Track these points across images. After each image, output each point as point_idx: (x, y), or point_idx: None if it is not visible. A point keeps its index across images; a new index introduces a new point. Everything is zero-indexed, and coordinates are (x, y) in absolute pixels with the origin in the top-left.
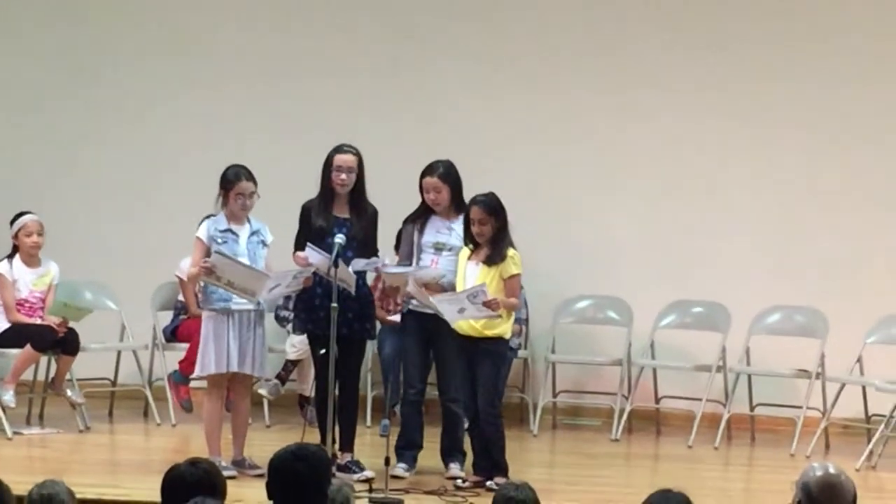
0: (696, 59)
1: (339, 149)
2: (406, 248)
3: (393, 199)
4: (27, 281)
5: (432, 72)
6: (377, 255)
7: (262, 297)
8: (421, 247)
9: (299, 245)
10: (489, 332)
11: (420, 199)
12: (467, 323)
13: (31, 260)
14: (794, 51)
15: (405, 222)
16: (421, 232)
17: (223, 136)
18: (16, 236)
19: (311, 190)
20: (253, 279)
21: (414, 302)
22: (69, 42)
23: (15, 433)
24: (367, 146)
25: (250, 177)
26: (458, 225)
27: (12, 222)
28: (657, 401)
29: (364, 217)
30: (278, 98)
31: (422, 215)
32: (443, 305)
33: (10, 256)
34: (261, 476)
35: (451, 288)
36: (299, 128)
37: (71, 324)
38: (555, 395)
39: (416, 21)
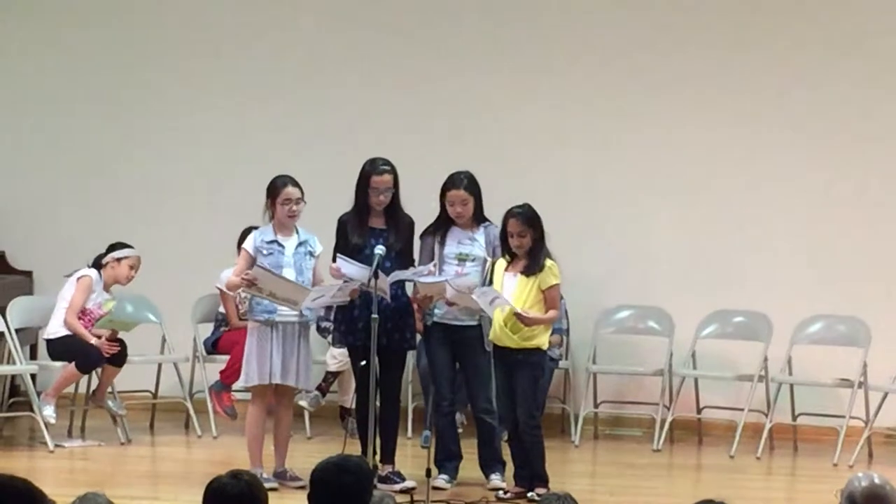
0: (740, 64)
1: (375, 168)
2: (426, 259)
3: (424, 209)
4: (98, 301)
5: (461, 82)
6: (414, 265)
7: (304, 307)
8: (443, 258)
9: (336, 257)
10: (527, 344)
11: (440, 211)
12: (506, 335)
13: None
14: (836, 51)
15: (423, 235)
16: (442, 244)
17: (262, 148)
18: (117, 261)
19: (345, 199)
20: (295, 293)
21: (438, 313)
22: (106, 54)
23: (57, 446)
24: (397, 156)
25: (296, 184)
26: (479, 235)
27: (116, 248)
28: (699, 411)
29: (401, 228)
30: (320, 108)
31: (441, 227)
32: (479, 297)
33: (99, 269)
34: (302, 488)
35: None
36: (335, 137)
37: (120, 334)
38: (596, 406)
39: (445, 33)
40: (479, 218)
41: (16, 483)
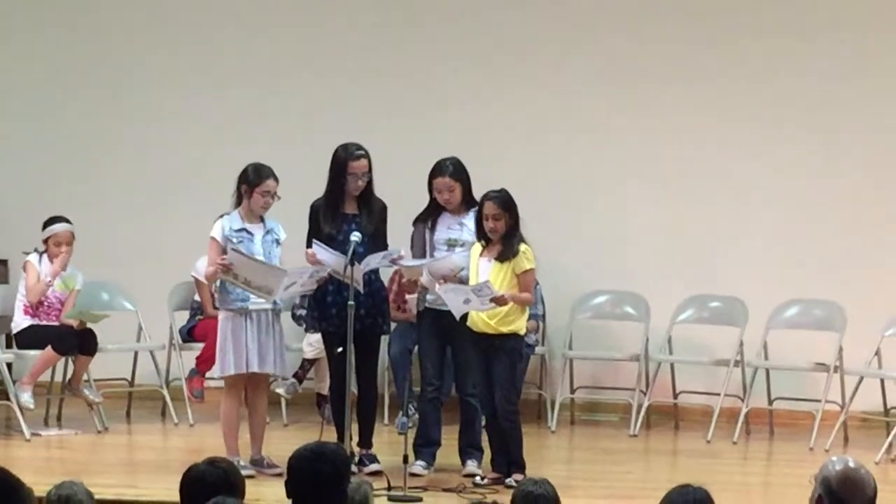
0: (714, 53)
1: (351, 153)
2: (418, 247)
3: (405, 195)
4: (48, 271)
5: (440, 69)
6: (387, 249)
7: (278, 297)
8: (434, 244)
9: (310, 244)
10: (504, 329)
11: (428, 198)
12: (482, 320)
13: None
14: (812, 43)
15: (415, 222)
16: (432, 230)
17: (238, 136)
18: (46, 241)
19: (316, 188)
20: (270, 276)
21: (430, 298)
22: (84, 46)
23: (33, 434)
24: (376, 143)
25: (275, 176)
26: (468, 220)
27: (45, 226)
28: (675, 396)
29: (373, 212)
30: (291, 98)
31: (432, 213)
32: (448, 296)
33: (41, 253)
34: (279, 475)
35: (466, 282)
36: (312, 127)
37: (88, 325)
38: (572, 391)
39: (424, 20)
40: (468, 203)
41: None
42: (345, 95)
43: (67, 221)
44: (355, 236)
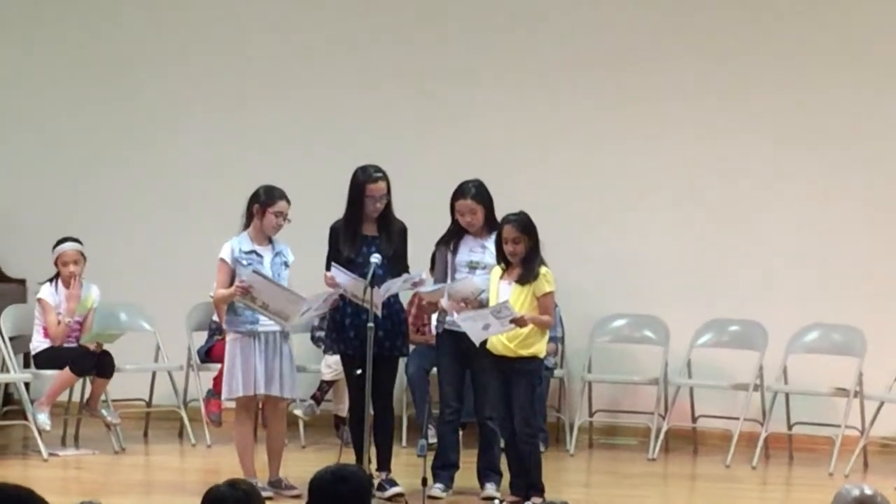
0: (732, 72)
1: (369, 176)
2: (441, 270)
3: (423, 217)
4: (64, 307)
5: (459, 89)
6: (408, 272)
7: (294, 323)
8: (455, 266)
9: (329, 266)
10: (524, 352)
11: (451, 220)
12: (502, 343)
13: (69, 285)
14: (840, 67)
15: (438, 244)
16: (454, 252)
17: (256, 155)
18: (56, 262)
19: (337, 207)
20: (288, 301)
21: (449, 320)
22: (99, 69)
23: (51, 454)
24: (395, 165)
25: (287, 198)
26: (490, 243)
27: (54, 247)
28: (694, 420)
29: (393, 234)
30: (310, 117)
31: (454, 236)
32: (466, 324)
33: (53, 280)
34: (297, 496)
35: (487, 304)
36: (328, 144)
37: (105, 346)
38: (591, 415)
39: (440, 38)
40: (491, 226)
41: (20, 492)
42: (360, 112)
43: (77, 241)
44: (375, 258)
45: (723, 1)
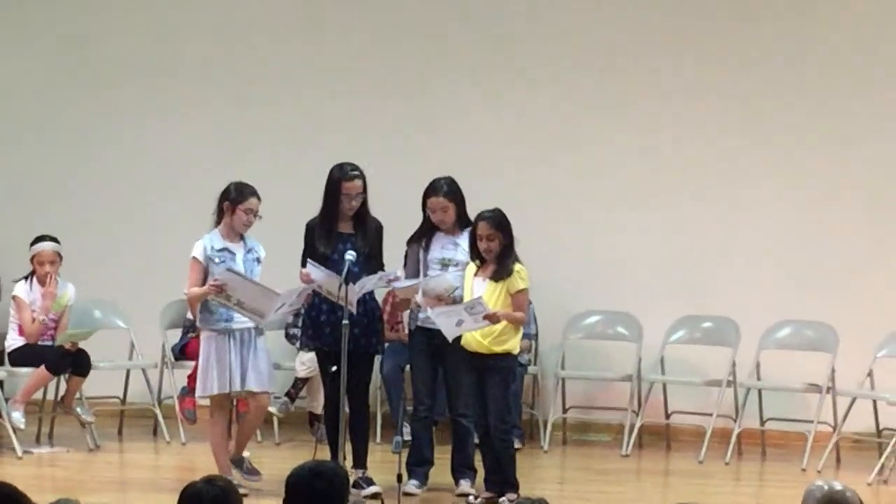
0: (704, 71)
1: (345, 174)
2: (412, 267)
3: (398, 214)
4: (39, 305)
5: (436, 87)
6: (383, 269)
7: (269, 319)
8: (427, 264)
9: (305, 262)
10: (498, 349)
11: (422, 217)
12: (476, 339)
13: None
14: (804, 66)
15: (409, 242)
16: (426, 249)
17: (231, 153)
18: (31, 260)
19: (313, 205)
20: (263, 298)
21: (421, 317)
22: (76, 64)
23: (25, 452)
24: (372, 161)
25: (257, 194)
26: (462, 240)
27: (31, 245)
28: (667, 416)
29: (369, 232)
30: (286, 114)
31: (426, 233)
32: (440, 319)
33: (28, 277)
34: (258, 481)
35: (461, 301)
36: (307, 142)
37: (81, 344)
38: (565, 411)
39: (420, 35)
40: (462, 223)
41: (2, 488)
42: (344, 111)
43: (54, 240)
44: (350, 255)
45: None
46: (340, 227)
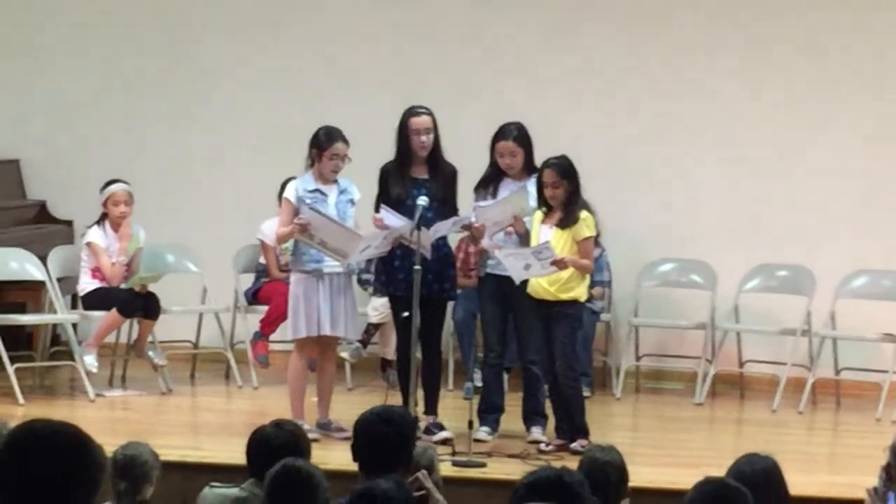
0: (778, 25)
1: (413, 112)
2: None
3: (468, 161)
4: (115, 248)
5: (506, 30)
6: (457, 215)
7: (352, 260)
8: None
9: (378, 208)
10: (564, 296)
11: (489, 162)
12: (542, 287)
13: (119, 227)
14: (874, 18)
15: (477, 188)
16: (494, 195)
17: (297, 97)
18: (104, 204)
19: (387, 151)
20: (346, 239)
21: (491, 263)
22: (142, 15)
23: (97, 395)
24: (441, 107)
25: (345, 139)
26: (530, 186)
27: (102, 189)
28: (741, 365)
29: (443, 177)
30: (352, 59)
31: (493, 179)
32: (508, 260)
33: (100, 222)
34: (347, 439)
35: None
36: (372, 88)
37: (150, 287)
38: (638, 359)
39: None
40: (530, 169)
41: (66, 428)
42: (405, 57)
43: (125, 182)
44: (422, 200)
45: None
46: (414, 172)
